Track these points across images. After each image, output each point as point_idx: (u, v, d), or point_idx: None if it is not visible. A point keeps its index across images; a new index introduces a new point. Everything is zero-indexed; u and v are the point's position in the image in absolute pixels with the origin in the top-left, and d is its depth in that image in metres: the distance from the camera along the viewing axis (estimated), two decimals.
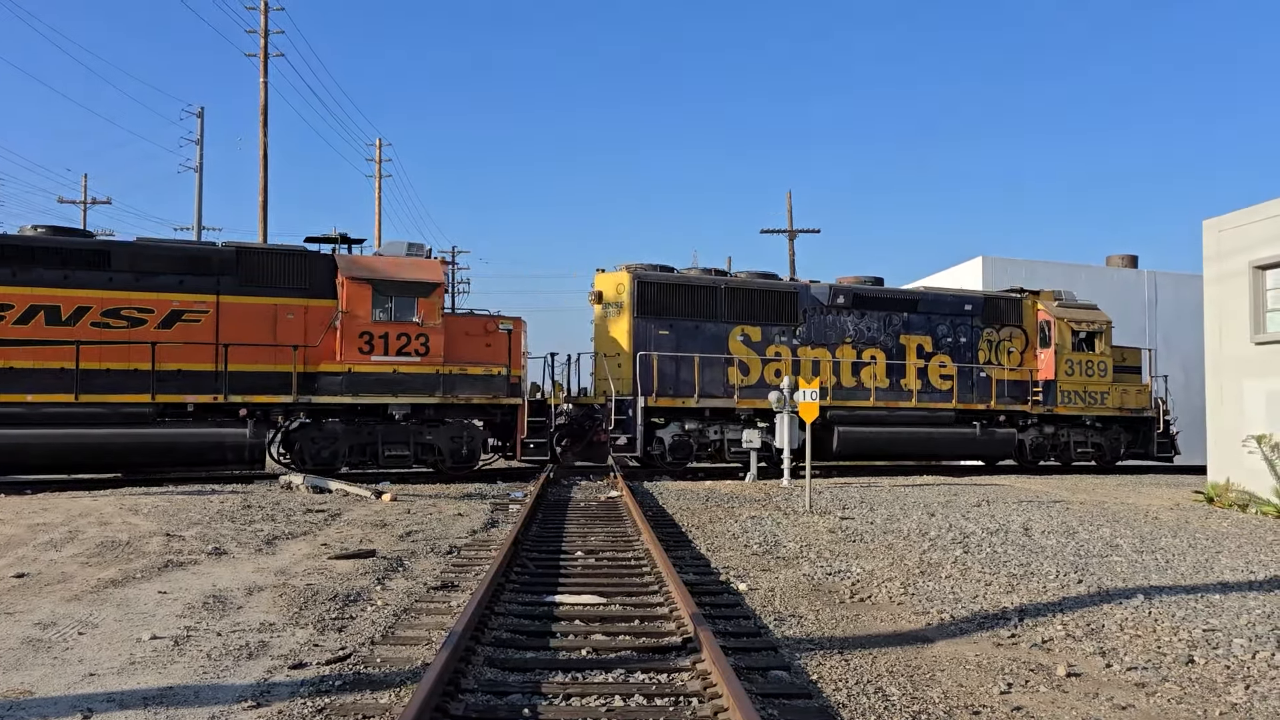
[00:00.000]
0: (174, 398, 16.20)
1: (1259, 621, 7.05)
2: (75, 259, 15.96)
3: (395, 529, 11.29)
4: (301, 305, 17.08)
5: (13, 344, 15.29)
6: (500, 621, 6.76)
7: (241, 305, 16.72)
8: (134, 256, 16.32)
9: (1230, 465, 16.15)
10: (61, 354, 15.49)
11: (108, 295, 15.96)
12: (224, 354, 16.33)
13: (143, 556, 9.12)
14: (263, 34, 31.08)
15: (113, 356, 15.89)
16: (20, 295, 15.49)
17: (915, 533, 11.40)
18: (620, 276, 19.97)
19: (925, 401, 21.64)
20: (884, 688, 5.43)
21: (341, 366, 17.08)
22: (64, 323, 15.69)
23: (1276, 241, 15.52)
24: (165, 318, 16.29)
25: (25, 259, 15.64)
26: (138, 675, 5.49)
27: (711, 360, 19.79)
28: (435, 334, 17.60)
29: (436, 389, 17.67)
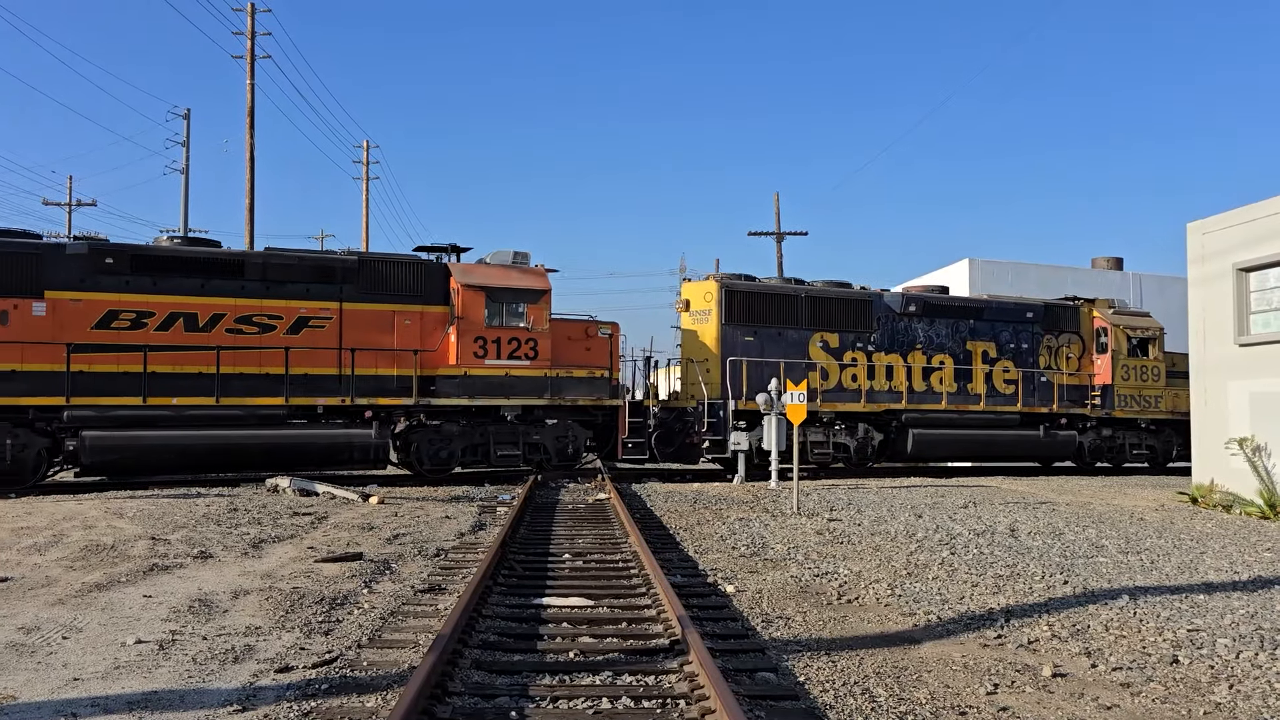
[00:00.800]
0: (306, 400, 16.91)
1: (1243, 621, 7.09)
2: (211, 268, 16.68)
3: (383, 532, 11.25)
4: (417, 311, 17.78)
5: (161, 349, 16.04)
6: (488, 624, 6.75)
7: (362, 311, 17.40)
8: (264, 266, 17.04)
9: (1214, 466, 16.25)
10: (199, 359, 16.28)
11: (241, 303, 16.67)
12: (349, 358, 17.07)
13: (128, 560, 9.07)
14: (249, 36, 30.98)
15: (245, 361, 16.61)
16: (161, 303, 16.18)
17: (902, 534, 11.43)
18: (708, 286, 20.64)
19: (992, 405, 22.42)
20: (871, 689, 5.44)
21: (458, 370, 17.72)
22: (201, 329, 16.42)
23: (1259, 244, 15.63)
24: (293, 324, 17.02)
25: (165, 269, 16.33)
26: (122, 680, 5.45)
27: (794, 365, 20.29)
28: (543, 338, 18.37)
29: (545, 391, 18.40)
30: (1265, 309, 15.72)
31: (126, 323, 15.97)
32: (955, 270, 33.70)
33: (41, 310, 15.51)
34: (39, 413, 15.50)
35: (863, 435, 21.09)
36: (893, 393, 21.46)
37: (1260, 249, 15.61)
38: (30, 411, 15.45)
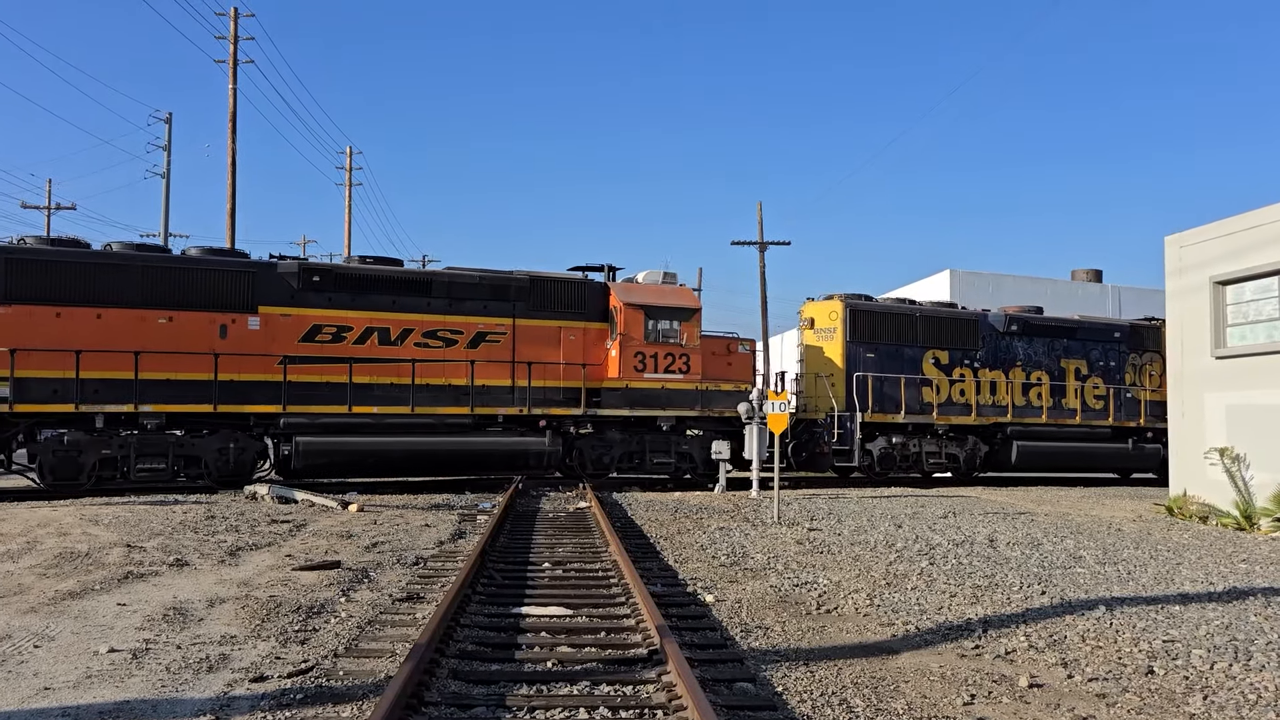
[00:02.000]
0: (488, 410, 18.13)
1: (1217, 632, 7.14)
2: (401, 286, 18.05)
3: (361, 540, 11.19)
4: (581, 327, 19.20)
5: (359, 361, 17.43)
6: (466, 633, 6.71)
7: (533, 327, 18.77)
8: (449, 284, 18.41)
9: (1191, 477, 16.37)
10: (391, 370, 17.66)
11: (427, 319, 18.05)
12: (523, 371, 18.44)
13: (102, 568, 8.97)
14: (232, 40, 30.85)
15: (431, 373, 17.87)
16: (358, 318, 17.55)
17: (882, 544, 11.46)
18: (833, 305, 21.98)
19: (1085, 420, 23.84)
20: (848, 699, 5.45)
21: (620, 382, 19.07)
22: (393, 343, 17.78)
23: (1236, 257, 15.80)
24: (472, 338, 18.39)
25: (362, 287, 17.73)
26: (94, 689, 5.39)
27: (910, 380, 21.85)
28: (695, 354, 19.74)
29: (696, 403, 19.71)
30: (1241, 322, 15.88)
31: (328, 336, 17.37)
32: (936, 281, 33.90)
33: (256, 324, 16.91)
34: (259, 419, 16.77)
35: (971, 446, 22.57)
36: (996, 407, 22.95)
37: (1237, 262, 15.77)
38: (251, 418, 16.72)
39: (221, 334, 16.60)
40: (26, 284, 15.73)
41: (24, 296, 15.65)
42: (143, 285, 16.34)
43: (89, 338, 15.77)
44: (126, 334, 16.03)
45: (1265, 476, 14.83)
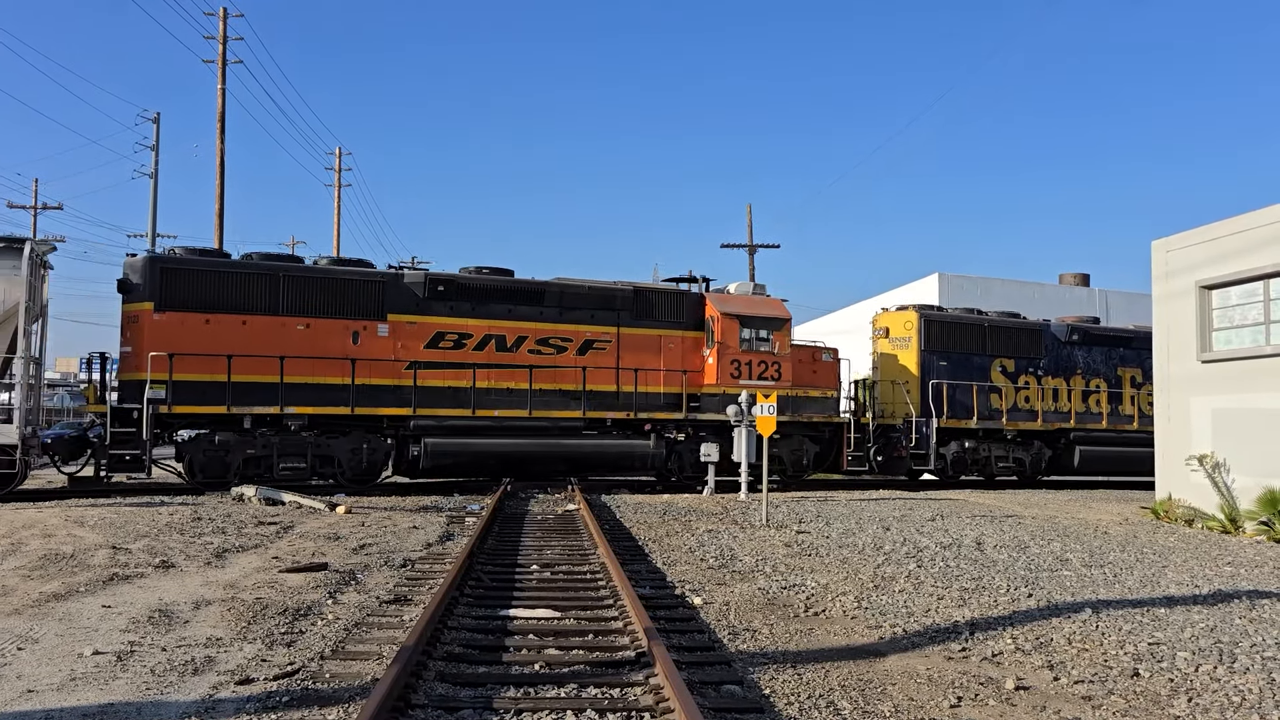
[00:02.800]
0: (598, 414, 19.10)
1: (1202, 635, 7.18)
2: (516, 296, 18.99)
3: (349, 542, 11.15)
4: (679, 335, 20.18)
5: (479, 366, 18.42)
6: (453, 635, 6.69)
7: (636, 335, 19.78)
8: (560, 294, 19.34)
9: (1177, 481, 16.45)
10: (508, 375, 18.65)
11: (540, 327, 19.04)
12: (628, 377, 19.43)
13: (87, 570, 8.92)
14: (221, 40, 30.76)
15: (542, 378, 18.82)
16: (478, 326, 18.56)
17: (870, 547, 11.48)
18: (908, 315, 23.07)
19: (1142, 426, 23.94)
20: (835, 701, 5.45)
21: (717, 388, 19.88)
22: (509, 349, 18.75)
23: (1222, 262, 15.89)
24: (580, 345, 19.32)
25: (482, 296, 18.70)
26: (78, 692, 5.36)
27: (980, 387, 22.97)
28: (785, 362, 20.65)
29: (786, 409, 20.16)
30: (1227, 326, 15.97)
31: (450, 343, 18.37)
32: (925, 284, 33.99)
33: (385, 331, 17.89)
34: (391, 421, 17.73)
35: (1036, 451, 23.54)
36: (1059, 413, 23.93)
37: (1223, 267, 15.86)
38: (385, 421, 17.69)
39: (354, 340, 17.62)
40: (179, 292, 16.63)
41: (177, 304, 16.56)
42: (284, 294, 17.29)
43: (235, 343, 16.67)
44: (269, 340, 16.96)
45: (1249, 480, 14.91)
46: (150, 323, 16.41)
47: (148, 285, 16.48)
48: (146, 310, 16.47)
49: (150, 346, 16.12)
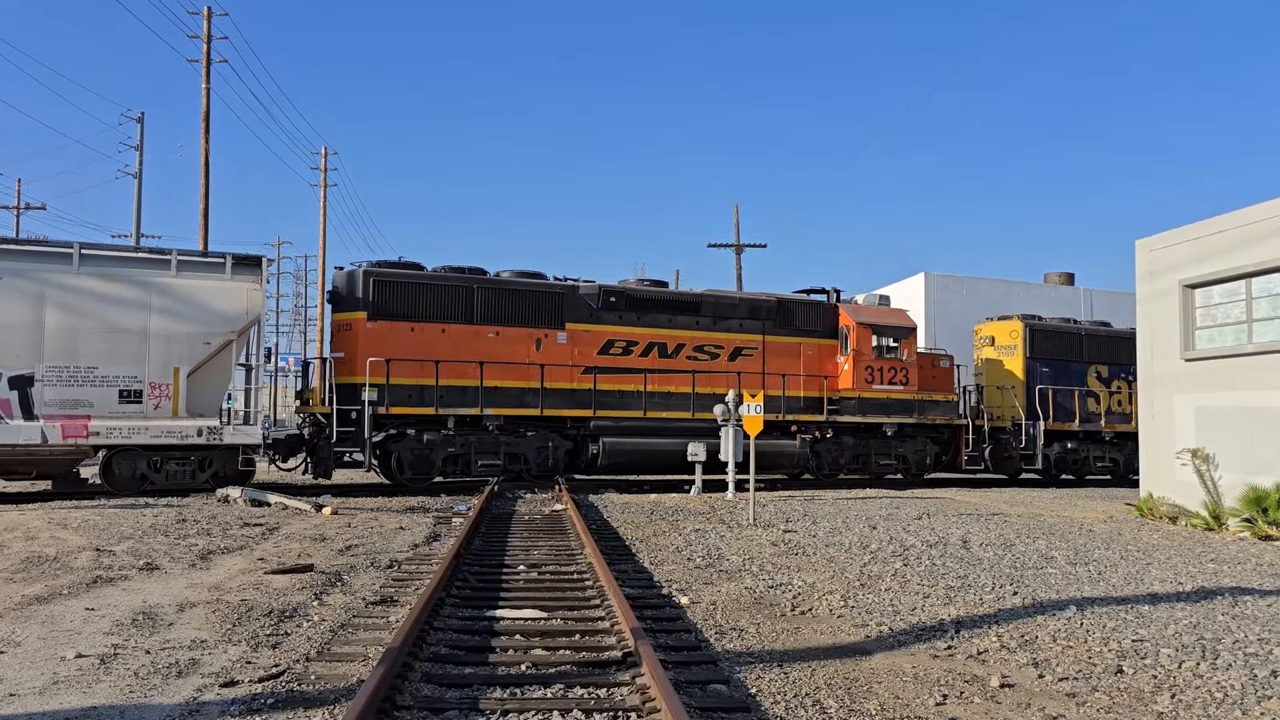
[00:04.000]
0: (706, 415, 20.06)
1: (1185, 632, 7.23)
2: (675, 306, 20.65)
3: (335, 543, 11.11)
4: (815, 343, 21.82)
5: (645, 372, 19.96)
6: (439, 636, 6.68)
7: (778, 343, 21.39)
8: (714, 305, 20.97)
9: (1161, 479, 16.56)
10: (670, 380, 20.20)
11: (697, 335, 20.68)
12: (775, 382, 20.97)
13: (70, 572, 8.87)
14: (205, 39, 30.60)
15: (699, 382, 20.20)
16: (643, 334, 20.14)
17: (856, 545, 11.51)
18: (1013, 325, 24.79)
19: None
20: (822, 700, 5.46)
21: (854, 393, 21.61)
22: (670, 355, 20.33)
23: (1205, 261, 16.00)
24: (731, 352, 20.98)
25: (647, 307, 20.29)
26: (61, 695, 5.32)
27: (1080, 392, 24.61)
28: (912, 368, 22.31)
29: (913, 412, 22.34)
30: (1210, 325, 16.08)
31: (619, 349, 19.92)
32: (911, 283, 34.07)
33: (563, 339, 19.43)
34: (574, 422, 19.22)
35: (1129, 451, 23.92)
36: None
37: (1205, 266, 15.97)
38: (568, 422, 19.19)
39: (537, 347, 19.12)
40: (388, 303, 18.11)
41: (387, 314, 18.05)
42: (477, 304, 18.81)
43: (435, 350, 18.15)
44: (465, 347, 18.48)
45: (1233, 477, 15.02)
46: (364, 331, 17.87)
47: (361, 296, 18.00)
48: (360, 319, 17.99)
49: (365, 353, 17.62)
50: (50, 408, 15.28)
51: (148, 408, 15.81)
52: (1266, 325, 14.97)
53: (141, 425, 15.65)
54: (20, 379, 15.14)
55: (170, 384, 15.98)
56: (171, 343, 15.97)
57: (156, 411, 15.86)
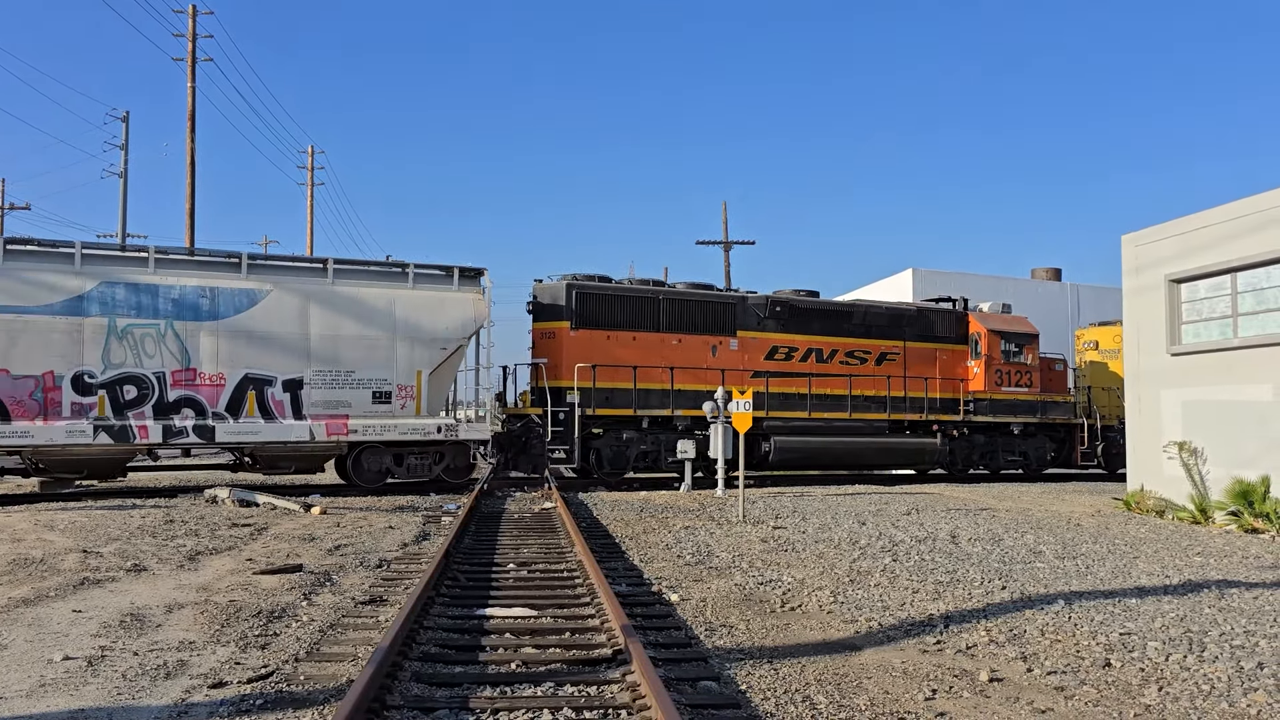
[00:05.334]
0: (900, 416, 22.40)
1: (1172, 625, 7.27)
2: (829, 315, 22.33)
3: (324, 543, 11.08)
4: (949, 349, 23.52)
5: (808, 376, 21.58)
6: (429, 636, 6.66)
7: (917, 349, 23.05)
8: (863, 314, 22.68)
9: (1148, 473, 16.64)
10: (828, 383, 21.73)
11: (848, 341, 22.24)
12: (919, 384, 22.68)
13: (57, 574, 8.82)
14: (190, 38, 30.45)
15: (843, 385, 21.87)
16: (802, 341, 21.79)
17: (846, 541, 11.53)
18: (1117, 330, 24.98)
19: None
20: (811, 696, 5.47)
21: (985, 395, 23.31)
22: (825, 360, 21.96)
23: (1190, 256, 16.07)
24: (877, 357, 22.57)
25: (805, 316, 21.94)
26: (48, 698, 5.29)
27: None
28: (1035, 371, 24.05)
29: (1036, 412, 24.12)
30: (1196, 319, 16.16)
31: (783, 355, 21.53)
32: (899, 280, 34.16)
33: (735, 346, 21.04)
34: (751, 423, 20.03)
35: None
36: None
37: (1191, 261, 16.05)
38: None
39: (713, 353, 20.74)
40: (589, 313, 19.74)
41: (587, 323, 19.66)
42: (662, 314, 20.42)
43: (628, 356, 19.79)
44: (653, 352, 20.09)
45: (1219, 471, 15.11)
46: (568, 339, 19.48)
47: (564, 306, 19.56)
48: (564, 328, 19.58)
49: (571, 359, 19.24)
50: (316, 408, 16.86)
51: (395, 407, 17.42)
52: (1251, 319, 15.06)
53: (391, 423, 17.27)
54: (292, 382, 16.70)
55: (414, 385, 17.62)
56: (414, 348, 17.52)
57: (403, 411, 17.45)
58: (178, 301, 16.09)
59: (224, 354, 16.28)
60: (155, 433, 15.80)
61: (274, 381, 16.54)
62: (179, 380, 16.01)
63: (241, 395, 16.37)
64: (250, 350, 16.40)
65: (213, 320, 16.23)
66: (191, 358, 16.10)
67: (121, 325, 15.70)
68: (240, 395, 16.36)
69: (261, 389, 16.49)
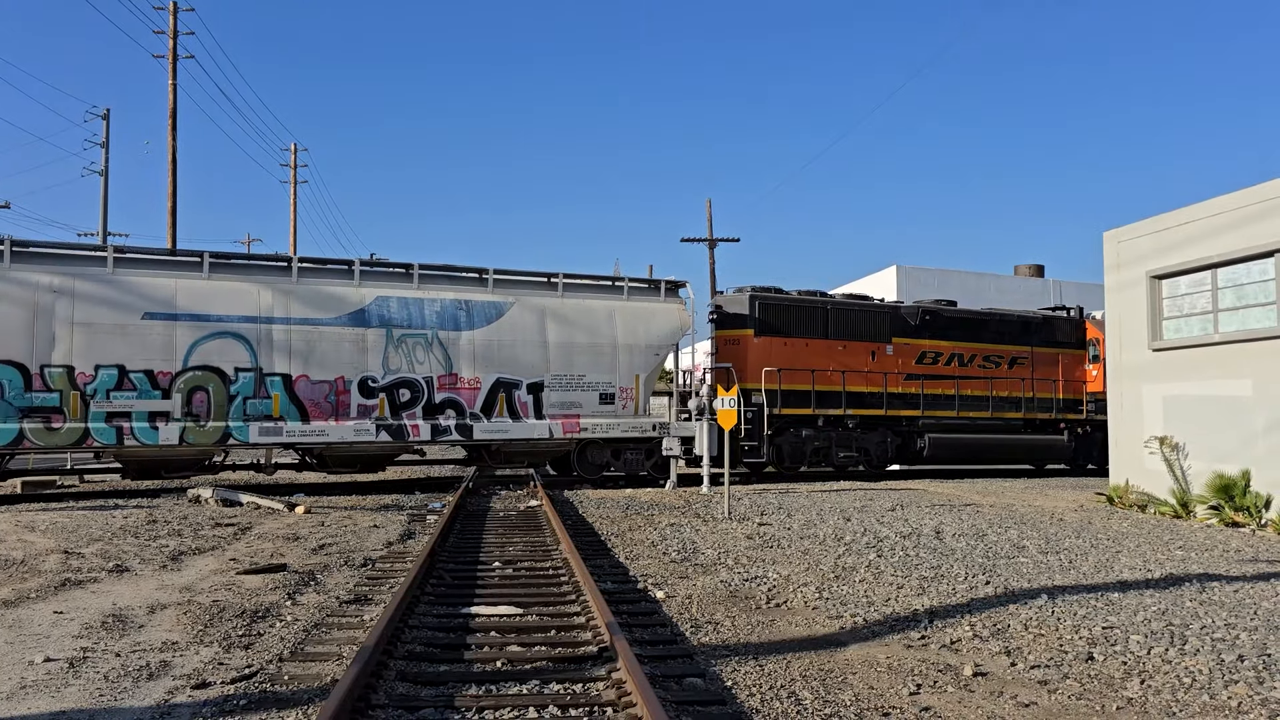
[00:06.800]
0: (1033, 415, 24.13)
1: (1154, 619, 7.32)
2: (968, 324, 24.01)
3: (308, 542, 11.03)
4: (1068, 353, 25.31)
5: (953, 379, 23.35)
6: (414, 634, 6.64)
7: (1041, 353, 24.81)
8: (998, 322, 24.49)
9: (1131, 467, 16.76)
10: (969, 385, 23.53)
11: (985, 347, 24.01)
12: (1045, 385, 24.45)
13: (38, 575, 8.75)
14: (171, 35, 30.23)
15: (981, 387, 23.67)
16: (946, 346, 23.54)
17: (831, 537, 11.57)
18: None
19: None
20: (797, 692, 5.49)
21: (1102, 395, 23.31)
22: (965, 364, 23.68)
23: (1171, 252, 16.19)
24: (1009, 361, 24.23)
25: (948, 324, 23.67)
26: (29, 700, 5.25)
27: None
28: None
29: None
30: (1177, 315, 16.28)
31: (930, 359, 23.23)
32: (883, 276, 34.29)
33: (890, 351, 22.71)
34: (907, 422, 22.68)
35: None
36: None
37: (1172, 257, 16.16)
38: (902, 420, 22.65)
39: (872, 357, 22.35)
40: (769, 322, 21.44)
41: (768, 330, 21.35)
42: (830, 322, 22.12)
43: (802, 360, 21.38)
44: (823, 357, 21.75)
45: (1200, 465, 15.23)
46: (753, 345, 21.14)
47: (749, 315, 21.23)
48: (748, 335, 21.19)
49: (756, 363, 20.85)
50: (553, 409, 18.40)
51: (618, 408, 19.11)
52: (1231, 315, 15.18)
53: (615, 422, 18.94)
54: (535, 385, 18.32)
55: (633, 388, 19.35)
56: (632, 354, 19.22)
57: (624, 411, 19.14)
58: (439, 314, 17.81)
59: (479, 360, 17.95)
60: (425, 431, 17.51)
61: (520, 385, 18.25)
62: (443, 384, 17.69)
63: (494, 398, 18.05)
64: (500, 357, 18.11)
65: (469, 330, 17.94)
66: (453, 364, 17.76)
67: (396, 335, 17.39)
68: (493, 398, 18.04)
69: (510, 392, 18.17)
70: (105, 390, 15.33)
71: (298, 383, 16.56)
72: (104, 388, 15.32)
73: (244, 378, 16.19)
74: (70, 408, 15.13)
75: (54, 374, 15.05)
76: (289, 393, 16.47)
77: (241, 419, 16.07)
